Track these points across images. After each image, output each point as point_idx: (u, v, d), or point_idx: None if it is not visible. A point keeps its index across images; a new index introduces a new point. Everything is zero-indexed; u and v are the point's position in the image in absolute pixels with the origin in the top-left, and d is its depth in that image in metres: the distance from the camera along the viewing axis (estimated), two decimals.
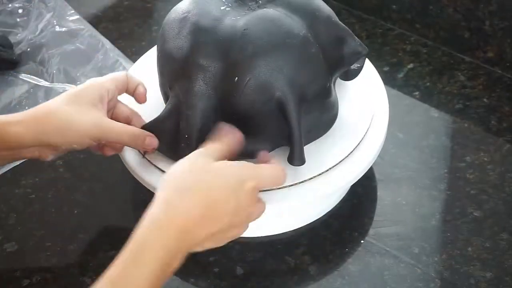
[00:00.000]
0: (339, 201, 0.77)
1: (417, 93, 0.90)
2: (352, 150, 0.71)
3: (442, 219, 0.76)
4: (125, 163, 0.73)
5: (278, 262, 0.73)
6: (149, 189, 0.71)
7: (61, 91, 0.90)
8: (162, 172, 0.70)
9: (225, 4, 0.69)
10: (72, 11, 1.03)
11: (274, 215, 0.73)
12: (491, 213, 0.76)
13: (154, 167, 0.71)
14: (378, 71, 0.80)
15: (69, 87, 0.91)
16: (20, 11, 1.03)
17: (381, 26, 1.01)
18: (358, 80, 0.75)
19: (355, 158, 0.71)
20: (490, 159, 0.81)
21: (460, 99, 0.89)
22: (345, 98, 0.76)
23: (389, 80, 0.90)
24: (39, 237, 0.76)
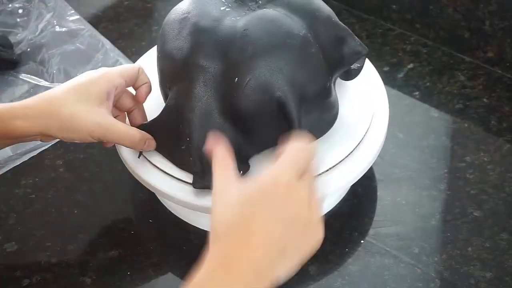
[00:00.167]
0: (339, 201, 0.77)
1: (417, 93, 0.90)
2: (352, 150, 0.71)
3: (442, 219, 0.76)
4: (125, 163, 0.73)
5: None
6: (149, 188, 0.72)
7: None
8: (162, 172, 0.70)
9: (225, 5, 0.69)
10: (72, 11, 1.03)
11: None
12: (491, 213, 0.76)
13: (154, 166, 0.71)
14: (378, 71, 0.80)
15: None
16: (20, 11, 1.03)
17: (381, 26, 1.01)
18: (358, 80, 0.75)
19: (355, 158, 0.71)
20: (490, 159, 0.81)
21: (460, 99, 0.89)
22: (345, 98, 0.76)
23: (389, 80, 0.90)
24: (39, 237, 0.76)
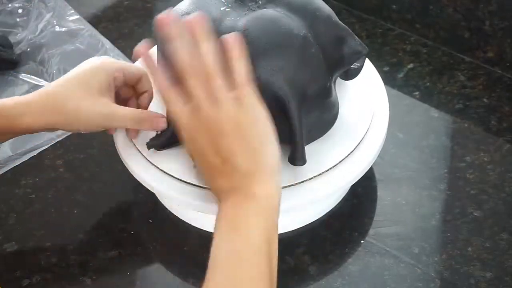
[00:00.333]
0: (339, 201, 0.77)
1: (417, 93, 0.90)
2: (352, 150, 0.71)
3: (442, 219, 0.76)
4: (125, 163, 0.73)
5: (278, 262, 0.73)
6: (149, 189, 0.72)
7: None
8: (162, 172, 0.70)
9: (225, 5, 0.69)
10: (72, 11, 1.03)
11: None
12: (491, 213, 0.76)
13: (154, 167, 0.71)
14: (378, 71, 0.80)
15: None
16: (20, 11, 1.03)
17: (381, 26, 1.01)
18: (358, 80, 0.75)
19: (355, 158, 0.71)
20: (490, 159, 0.81)
21: (460, 99, 0.89)
22: (345, 98, 0.76)
23: (389, 80, 0.90)
24: (39, 237, 0.76)
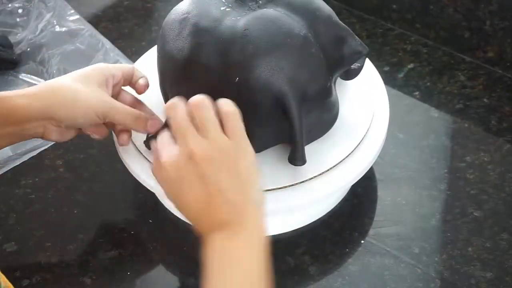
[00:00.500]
0: (339, 201, 0.77)
1: (417, 93, 0.90)
2: (352, 150, 0.71)
3: (442, 219, 0.76)
4: (125, 163, 0.73)
5: (278, 262, 0.72)
6: (149, 189, 0.71)
7: None
8: None
9: (225, 5, 0.69)
10: (72, 11, 1.03)
11: (274, 215, 0.73)
12: (491, 213, 0.76)
13: None
14: (378, 71, 0.80)
15: None
16: (20, 11, 1.03)
17: (381, 26, 1.01)
18: (358, 80, 0.75)
19: (355, 158, 0.71)
20: (490, 159, 0.81)
21: (460, 99, 0.89)
22: (345, 98, 0.76)
23: (389, 80, 0.90)
24: (39, 237, 0.76)
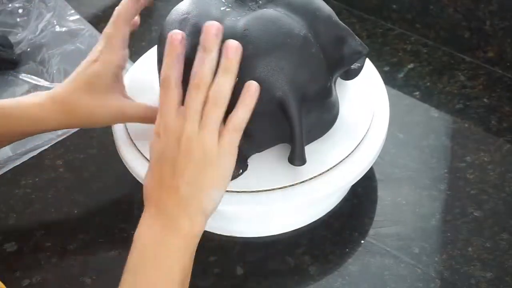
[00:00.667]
0: (339, 201, 0.77)
1: (417, 93, 0.90)
2: (352, 150, 0.71)
3: (442, 219, 0.76)
4: (125, 163, 0.73)
5: (278, 262, 0.73)
6: None
7: None
8: None
9: (225, 5, 0.69)
10: (72, 11, 1.03)
11: (274, 215, 0.73)
12: (491, 213, 0.76)
13: None
14: (379, 71, 0.80)
15: None
16: (20, 11, 1.03)
17: (381, 26, 1.01)
18: (358, 80, 0.75)
19: (355, 158, 0.71)
20: (490, 159, 0.81)
21: (460, 99, 0.89)
22: (345, 98, 0.76)
23: (389, 80, 0.90)
24: (39, 237, 0.76)
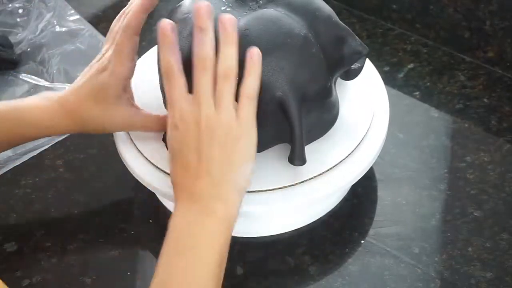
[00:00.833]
0: (339, 201, 0.77)
1: (417, 93, 0.90)
2: (352, 150, 0.71)
3: (442, 219, 0.76)
4: (125, 163, 0.73)
5: (278, 262, 0.73)
6: (149, 189, 0.71)
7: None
8: (162, 172, 0.70)
9: (226, 5, 0.69)
10: (72, 11, 1.03)
11: (274, 215, 0.73)
12: (491, 213, 0.76)
13: (154, 167, 0.71)
14: (379, 71, 0.80)
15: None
16: (20, 11, 1.03)
17: (381, 26, 1.01)
18: (358, 80, 0.75)
19: (355, 158, 0.71)
20: (490, 159, 0.81)
21: (460, 99, 0.89)
22: (345, 98, 0.76)
23: (389, 80, 0.90)
24: (39, 237, 0.76)
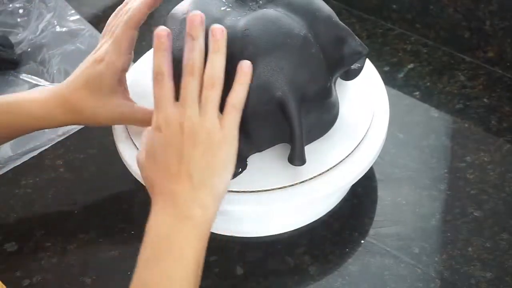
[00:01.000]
0: (339, 201, 0.77)
1: (417, 93, 0.90)
2: (352, 150, 0.71)
3: (442, 219, 0.76)
4: (125, 163, 0.73)
5: (278, 262, 0.73)
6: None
7: None
8: None
9: (225, 5, 0.69)
10: (73, 11, 1.03)
11: (274, 215, 0.73)
12: (491, 213, 0.76)
13: None
14: (378, 71, 0.80)
15: None
16: (21, 11, 1.03)
17: (381, 26, 1.01)
18: (358, 80, 0.75)
19: (355, 158, 0.71)
20: (490, 159, 0.81)
21: (460, 99, 0.89)
22: (345, 98, 0.76)
23: (389, 80, 0.90)
24: (39, 237, 0.76)
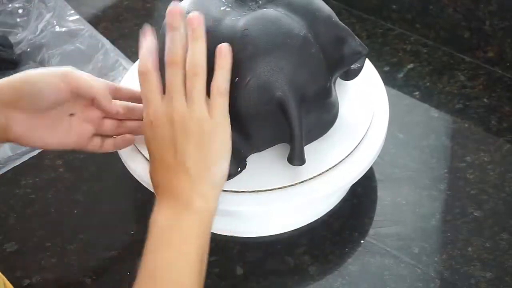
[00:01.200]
0: (339, 201, 0.77)
1: (417, 93, 0.90)
2: (352, 150, 0.71)
3: (442, 219, 0.76)
4: (125, 163, 0.73)
5: (278, 262, 0.73)
6: (149, 189, 0.71)
7: None
8: None
9: (225, 5, 0.69)
10: (72, 11, 1.03)
11: (274, 215, 0.73)
12: (491, 213, 0.76)
13: None
14: (378, 71, 0.80)
15: None
16: (20, 11, 1.03)
17: (381, 26, 1.01)
18: (358, 80, 0.75)
19: (355, 158, 0.71)
20: (490, 159, 0.81)
21: (460, 99, 0.89)
22: (345, 98, 0.76)
23: (389, 80, 0.90)
24: (39, 237, 0.76)
